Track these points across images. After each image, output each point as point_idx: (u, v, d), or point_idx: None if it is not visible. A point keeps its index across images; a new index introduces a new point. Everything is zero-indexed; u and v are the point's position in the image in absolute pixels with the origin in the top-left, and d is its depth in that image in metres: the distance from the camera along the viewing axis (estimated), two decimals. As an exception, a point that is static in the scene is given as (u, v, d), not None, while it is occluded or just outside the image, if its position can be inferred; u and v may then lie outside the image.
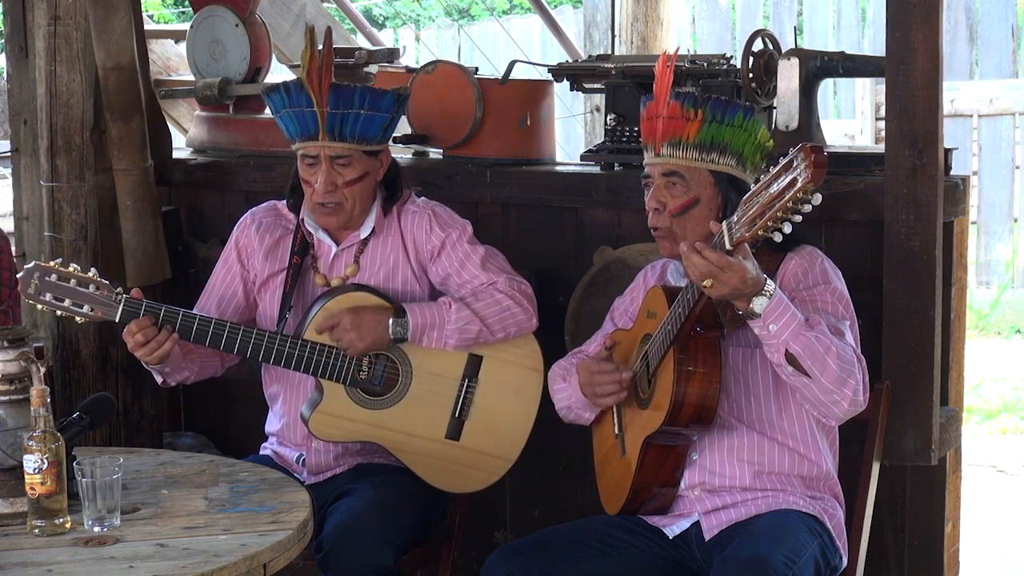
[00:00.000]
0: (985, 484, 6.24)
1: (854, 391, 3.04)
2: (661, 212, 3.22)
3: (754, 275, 2.94)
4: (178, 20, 13.93)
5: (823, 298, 3.15)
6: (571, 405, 3.44)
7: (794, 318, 2.98)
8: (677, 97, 3.18)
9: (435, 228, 3.62)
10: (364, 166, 3.56)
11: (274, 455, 3.73)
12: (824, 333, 3.00)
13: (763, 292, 2.96)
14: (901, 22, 3.44)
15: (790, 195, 2.74)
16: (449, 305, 3.54)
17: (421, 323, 3.52)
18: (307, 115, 3.51)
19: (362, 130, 3.52)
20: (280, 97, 3.54)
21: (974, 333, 8.65)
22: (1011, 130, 9.74)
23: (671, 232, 3.20)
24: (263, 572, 2.74)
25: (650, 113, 3.23)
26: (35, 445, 2.81)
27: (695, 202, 3.18)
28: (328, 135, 3.51)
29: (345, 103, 3.49)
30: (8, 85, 4.86)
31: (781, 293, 3.00)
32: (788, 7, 10.62)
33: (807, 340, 2.98)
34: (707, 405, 3.09)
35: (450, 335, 3.53)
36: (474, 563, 3.94)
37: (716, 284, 2.92)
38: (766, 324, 2.98)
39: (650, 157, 3.24)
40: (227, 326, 3.51)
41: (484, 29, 13.53)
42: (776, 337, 2.99)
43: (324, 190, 3.53)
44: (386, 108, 3.54)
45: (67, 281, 3.38)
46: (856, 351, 3.09)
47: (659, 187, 3.22)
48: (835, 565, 3.22)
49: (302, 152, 3.56)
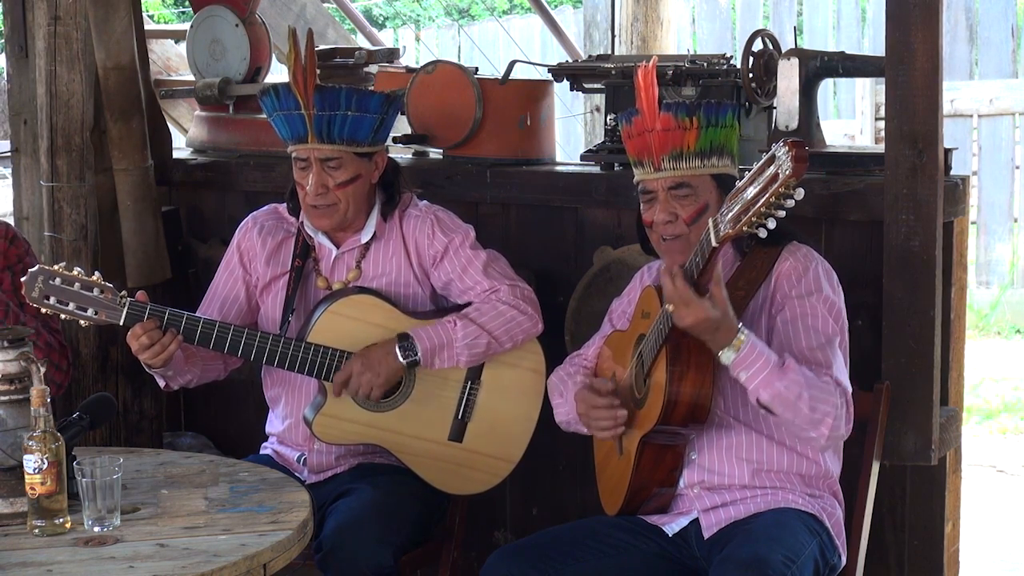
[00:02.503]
0: (985, 484, 6.24)
1: (831, 428, 3.05)
2: (674, 222, 3.20)
3: (718, 322, 2.95)
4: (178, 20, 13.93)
5: (813, 310, 3.14)
6: (569, 421, 3.45)
7: (766, 365, 3.00)
8: (668, 109, 3.16)
9: (438, 233, 3.62)
10: (356, 168, 3.56)
11: (275, 454, 3.73)
12: (796, 380, 3.00)
13: (731, 345, 2.98)
14: (901, 22, 3.43)
15: (772, 190, 2.75)
16: (454, 323, 3.53)
17: (430, 346, 3.51)
18: (295, 118, 3.52)
19: (351, 132, 3.52)
20: (271, 100, 3.55)
21: (974, 333, 8.65)
22: (1011, 130, 9.74)
23: (688, 240, 3.18)
24: (263, 572, 2.75)
25: (638, 129, 3.20)
26: (35, 445, 2.81)
27: (705, 208, 3.17)
28: (317, 137, 3.51)
29: (331, 104, 3.49)
30: (8, 85, 4.86)
31: (754, 340, 3.00)
32: (788, 7, 10.62)
33: (777, 389, 3.00)
34: (701, 403, 3.09)
35: (460, 352, 3.52)
36: (474, 563, 3.94)
37: (676, 314, 2.97)
38: (736, 372, 3.01)
39: (648, 172, 3.21)
40: (231, 329, 3.51)
41: (484, 29, 13.52)
42: (747, 384, 3.02)
43: (315, 192, 3.53)
44: (374, 109, 3.53)
45: (71, 285, 3.38)
46: (837, 381, 3.08)
47: (666, 200, 3.19)
48: (834, 564, 3.22)
49: (294, 155, 3.57)
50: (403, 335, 3.51)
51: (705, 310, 2.94)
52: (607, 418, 3.24)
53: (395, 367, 3.50)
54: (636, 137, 3.22)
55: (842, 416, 3.07)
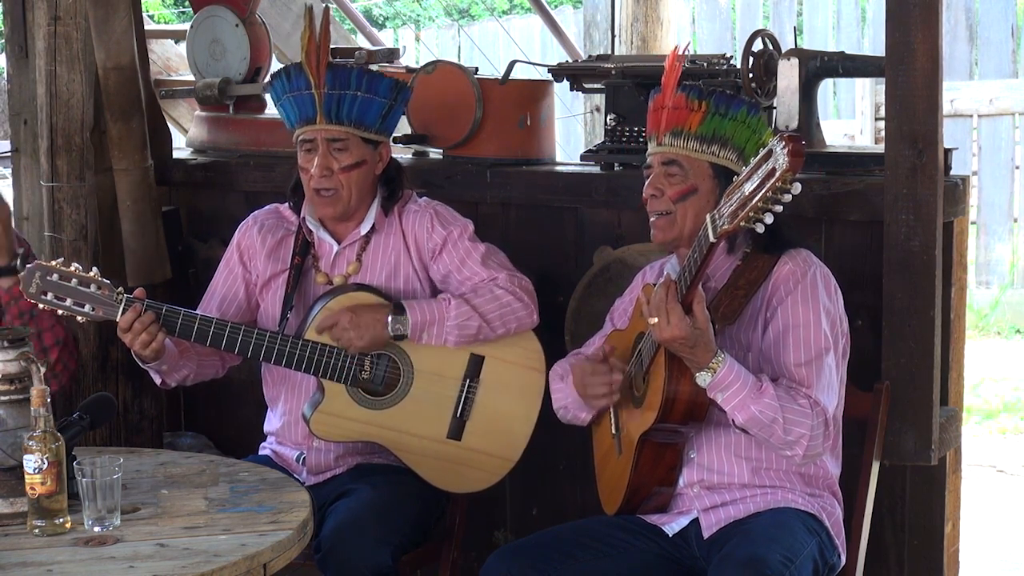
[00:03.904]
0: (985, 484, 6.25)
1: (806, 449, 3.08)
2: (659, 197, 3.23)
3: (696, 340, 2.97)
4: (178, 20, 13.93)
5: (806, 320, 3.14)
6: (567, 405, 3.44)
7: (743, 388, 3.02)
8: (684, 89, 3.20)
9: (436, 226, 3.63)
10: (361, 153, 3.56)
11: (273, 455, 3.73)
12: (770, 404, 3.03)
13: (708, 367, 3.01)
14: (901, 22, 3.44)
15: (769, 185, 2.75)
16: (448, 302, 3.54)
17: (420, 320, 3.52)
18: (305, 98, 3.52)
19: (359, 114, 3.53)
20: (281, 83, 3.56)
21: (974, 333, 8.66)
22: (1011, 130, 9.75)
23: (672, 218, 3.21)
24: (263, 572, 2.74)
25: (656, 105, 3.26)
26: (35, 445, 2.81)
27: (693, 191, 3.19)
28: (325, 117, 3.52)
29: (342, 83, 3.51)
30: (8, 85, 4.86)
31: (732, 363, 3.03)
32: (788, 7, 10.62)
33: (752, 413, 3.03)
34: (699, 401, 3.10)
35: (449, 331, 3.53)
36: (474, 563, 3.94)
37: (657, 327, 2.99)
38: (712, 394, 3.04)
39: (652, 147, 3.26)
40: (228, 326, 3.51)
41: (484, 29, 13.53)
42: (723, 405, 3.05)
43: (320, 174, 3.53)
44: (383, 93, 3.55)
45: (68, 281, 3.38)
46: (816, 401, 3.08)
47: (658, 175, 3.23)
48: (833, 564, 3.22)
49: (301, 138, 3.57)
50: (398, 306, 3.52)
51: (685, 328, 2.96)
52: (602, 384, 3.25)
53: (380, 336, 3.50)
54: (653, 112, 3.27)
55: (819, 436, 3.09)
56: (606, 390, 3.26)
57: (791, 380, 3.11)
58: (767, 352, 3.15)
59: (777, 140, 2.74)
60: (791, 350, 3.13)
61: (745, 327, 3.19)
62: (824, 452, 3.17)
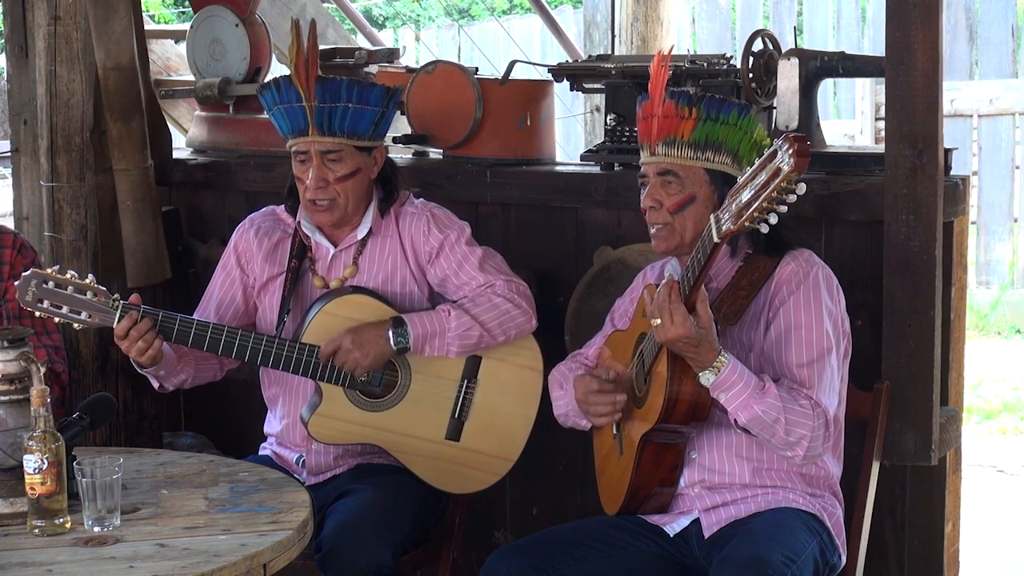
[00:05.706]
0: (985, 484, 6.25)
1: (806, 450, 3.09)
2: (658, 209, 3.22)
3: (700, 340, 2.98)
4: (178, 20, 13.93)
5: (808, 322, 3.14)
6: (568, 413, 3.45)
7: (746, 388, 3.03)
8: (672, 96, 3.18)
9: (433, 230, 3.62)
10: (356, 162, 3.56)
11: (274, 455, 3.73)
12: (773, 404, 3.04)
13: (712, 366, 3.01)
14: (901, 22, 3.43)
15: (775, 185, 2.75)
16: (448, 312, 3.53)
17: (422, 333, 3.51)
18: (296, 110, 3.52)
19: (351, 124, 3.52)
20: (271, 94, 3.55)
21: (974, 333, 8.66)
22: (1011, 130, 9.75)
23: (672, 228, 3.21)
24: (263, 572, 2.74)
25: (646, 112, 3.24)
26: (35, 445, 2.81)
27: (691, 200, 3.19)
28: (317, 130, 3.51)
29: (333, 96, 3.50)
30: (8, 85, 4.86)
31: (735, 362, 3.03)
32: (788, 7, 10.62)
33: (755, 412, 3.03)
34: (701, 402, 3.10)
35: (451, 342, 3.53)
36: (474, 563, 3.94)
37: (660, 328, 2.99)
38: (715, 394, 3.04)
39: (646, 156, 3.25)
40: (224, 330, 3.50)
41: (484, 29, 13.53)
42: (726, 405, 3.05)
43: (315, 186, 3.53)
44: (375, 102, 3.54)
45: (64, 288, 3.37)
46: (817, 402, 3.09)
47: (655, 185, 3.22)
48: (833, 564, 3.22)
49: (294, 149, 3.57)
50: (398, 319, 3.51)
51: (689, 327, 2.96)
52: (605, 403, 3.25)
53: (384, 351, 3.50)
54: (643, 120, 3.25)
55: (820, 437, 3.09)
56: (609, 410, 3.25)
57: (792, 380, 3.11)
58: (769, 352, 3.15)
59: (782, 140, 2.74)
60: (793, 350, 3.13)
61: (747, 327, 3.19)
62: (824, 453, 3.17)
